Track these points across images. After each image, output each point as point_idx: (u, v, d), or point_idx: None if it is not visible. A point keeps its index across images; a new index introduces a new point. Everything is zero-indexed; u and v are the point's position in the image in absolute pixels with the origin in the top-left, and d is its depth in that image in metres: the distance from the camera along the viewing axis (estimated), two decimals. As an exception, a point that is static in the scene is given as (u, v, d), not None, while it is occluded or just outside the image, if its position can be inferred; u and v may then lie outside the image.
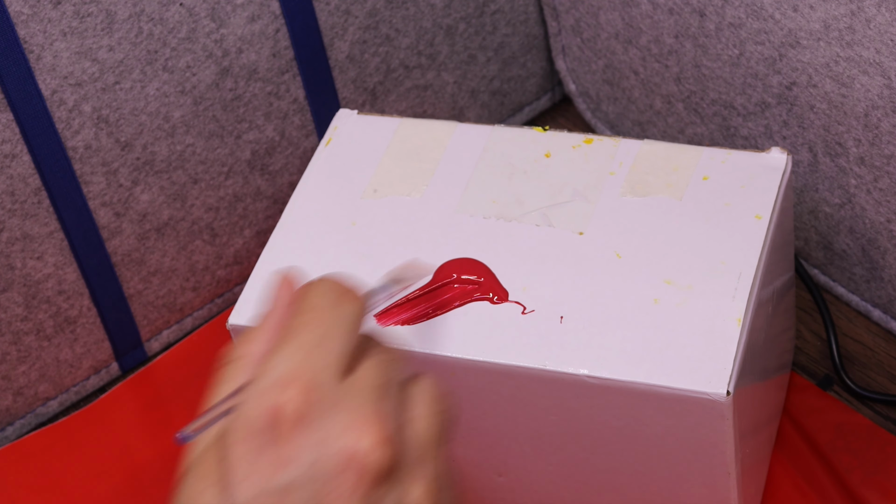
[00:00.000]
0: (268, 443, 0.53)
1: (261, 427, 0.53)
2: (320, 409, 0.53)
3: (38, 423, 0.95)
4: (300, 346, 0.55)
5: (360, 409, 0.54)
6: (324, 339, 0.55)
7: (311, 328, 0.55)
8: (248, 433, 0.53)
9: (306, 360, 0.54)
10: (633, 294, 0.74)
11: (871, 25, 0.78)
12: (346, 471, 0.53)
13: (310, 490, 0.52)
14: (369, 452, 0.53)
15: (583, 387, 0.72)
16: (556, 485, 0.78)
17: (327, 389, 0.54)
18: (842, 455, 0.84)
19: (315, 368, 0.54)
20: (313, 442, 0.53)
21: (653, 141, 0.81)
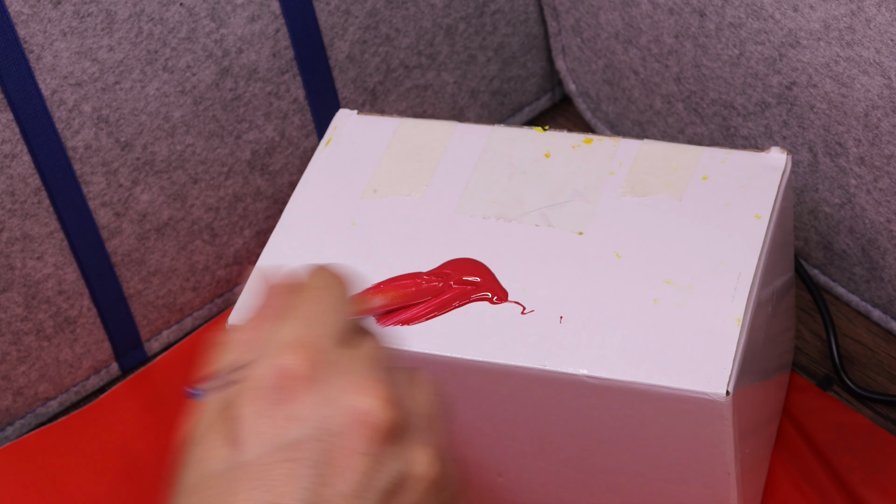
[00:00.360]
0: (277, 401, 0.54)
1: (270, 387, 0.54)
2: (326, 371, 0.55)
3: (38, 423, 0.95)
4: (303, 317, 0.57)
5: (368, 373, 0.55)
6: (324, 313, 0.57)
7: (311, 304, 0.58)
8: (258, 393, 0.54)
9: (310, 328, 0.56)
10: (633, 294, 0.74)
11: (871, 25, 0.78)
12: (356, 426, 0.54)
13: (319, 445, 0.54)
14: (377, 411, 0.54)
15: (582, 387, 0.72)
16: (556, 485, 0.78)
17: (331, 354, 0.56)
18: (842, 455, 0.84)
19: (321, 335, 0.56)
20: (322, 400, 0.54)
21: (653, 141, 0.81)
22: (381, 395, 0.55)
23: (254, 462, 0.53)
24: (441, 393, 0.59)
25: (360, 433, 0.54)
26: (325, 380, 0.55)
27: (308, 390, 0.55)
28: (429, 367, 0.74)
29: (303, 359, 0.55)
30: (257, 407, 0.54)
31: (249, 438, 0.54)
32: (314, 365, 0.55)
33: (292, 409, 0.54)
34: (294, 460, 0.53)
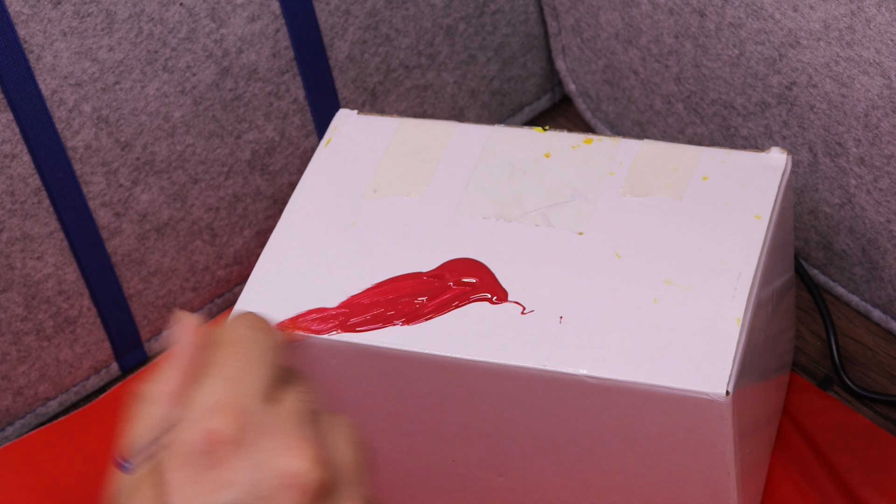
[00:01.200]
0: (205, 467, 0.54)
1: (197, 452, 0.54)
2: (255, 433, 0.55)
3: (38, 423, 0.95)
4: (227, 376, 0.57)
5: (294, 432, 0.56)
6: (251, 368, 0.57)
7: (238, 358, 0.58)
8: (186, 459, 0.54)
9: (235, 388, 0.56)
10: (633, 294, 0.74)
11: (871, 25, 0.78)
12: (286, 490, 0.54)
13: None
14: (308, 472, 0.54)
15: (582, 387, 0.72)
16: (556, 485, 0.78)
17: (259, 414, 0.56)
18: (842, 455, 0.84)
19: (243, 395, 0.56)
20: (251, 463, 0.54)
21: (653, 141, 0.81)
22: (309, 455, 0.55)
23: None
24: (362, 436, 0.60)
25: (290, 496, 0.54)
26: (252, 442, 0.55)
27: (236, 454, 0.54)
28: (429, 367, 0.74)
29: (229, 422, 0.55)
30: (185, 473, 0.54)
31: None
32: (240, 427, 0.55)
33: (221, 475, 0.54)
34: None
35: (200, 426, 0.55)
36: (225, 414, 0.55)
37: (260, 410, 0.56)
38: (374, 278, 0.77)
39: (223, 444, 0.55)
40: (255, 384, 0.57)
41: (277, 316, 0.76)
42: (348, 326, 0.74)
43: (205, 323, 0.61)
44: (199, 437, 0.55)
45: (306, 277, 0.77)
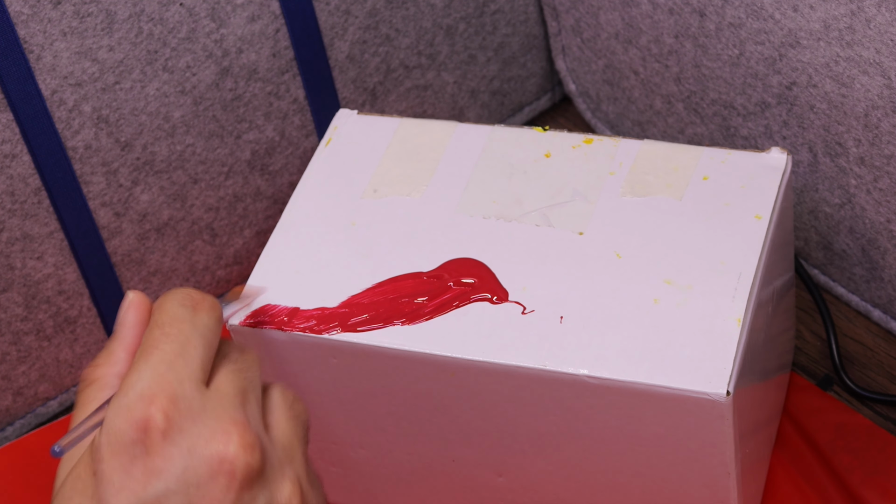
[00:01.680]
0: (138, 455, 0.54)
1: (130, 440, 0.54)
2: (186, 420, 0.55)
3: (38, 423, 0.95)
4: (161, 359, 0.56)
5: (225, 416, 0.56)
6: (184, 351, 0.57)
7: (171, 339, 0.57)
8: (119, 447, 0.54)
9: (168, 373, 0.56)
10: (633, 294, 0.74)
11: (871, 25, 0.78)
12: (217, 475, 0.54)
13: (183, 497, 0.54)
14: (238, 456, 0.55)
15: (583, 387, 0.72)
16: (556, 485, 0.78)
17: (190, 400, 0.56)
18: (842, 455, 0.84)
19: (177, 380, 0.56)
20: (183, 450, 0.55)
21: (653, 141, 0.81)
22: (241, 438, 0.55)
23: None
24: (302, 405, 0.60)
25: (221, 482, 0.54)
26: (185, 428, 0.55)
27: (169, 441, 0.55)
28: (429, 367, 0.74)
29: (162, 408, 0.55)
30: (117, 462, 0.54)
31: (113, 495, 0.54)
32: (174, 413, 0.55)
33: (153, 463, 0.54)
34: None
35: (131, 414, 0.55)
36: (158, 400, 0.55)
37: (191, 395, 0.56)
38: (374, 278, 0.77)
39: (154, 432, 0.54)
40: (186, 368, 0.57)
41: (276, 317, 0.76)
42: (349, 326, 0.74)
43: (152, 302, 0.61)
44: (130, 425, 0.55)
45: (306, 277, 0.77)
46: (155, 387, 0.55)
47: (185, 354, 0.57)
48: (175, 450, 0.55)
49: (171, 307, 0.59)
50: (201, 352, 0.58)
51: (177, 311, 0.58)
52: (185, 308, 0.59)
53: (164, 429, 0.55)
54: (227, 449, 0.55)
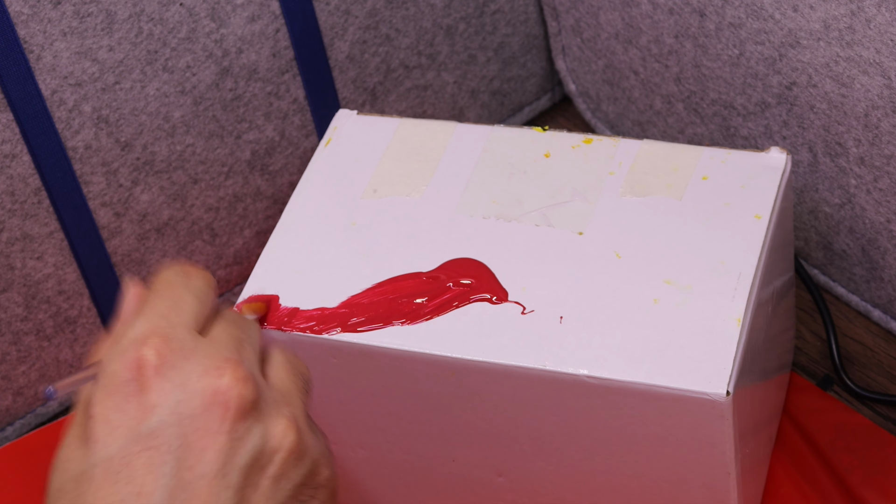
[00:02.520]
0: (132, 393, 0.55)
1: (124, 380, 0.56)
2: (178, 357, 0.56)
3: (37, 423, 0.95)
4: (154, 311, 0.58)
5: (217, 355, 0.57)
6: (176, 305, 0.59)
7: (164, 297, 0.59)
8: (113, 388, 0.56)
9: (161, 320, 0.58)
10: (633, 294, 0.74)
11: (871, 25, 0.78)
12: (210, 407, 0.55)
13: (176, 430, 0.55)
14: (231, 388, 0.55)
15: (583, 387, 0.72)
16: (556, 485, 0.78)
17: (183, 341, 0.57)
18: (842, 455, 0.84)
19: (170, 325, 0.57)
20: (176, 385, 0.56)
21: (653, 141, 0.81)
22: (231, 373, 0.56)
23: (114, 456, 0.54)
24: (305, 367, 0.61)
25: (215, 413, 0.55)
26: (176, 366, 0.56)
27: (159, 378, 0.55)
28: (429, 367, 0.74)
29: (155, 347, 0.56)
30: (112, 402, 0.55)
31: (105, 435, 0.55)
32: (164, 353, 0.56)
33: (146, 399, 0.55)
34: (152, 448, 0.54)
35: (124, 356, 0.56)
36: (147, 342, 0.56)
37: (183, 337, 0.57)
38: (374, 278, 0.77)
39: (148, 370, 0.55)
40: (181, 316, 0.58)
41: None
42: (349, 326, 0.74)
43: None
44: (125, 366, 0.56)
45: (306, 277, 0.77)
46: (147, 331, 0.57)
47: (177, 307, 0.59)
48: (168, 384, 0.56)
49: (165, 275, 0.61)
50: (194, 307, 0.59)
51: (170, 277, 0.60)
52: (179, 274, 0.60)
53: (157, 365, 0.56)
54: (220, 381, 0.56)
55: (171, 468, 0.54)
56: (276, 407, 0.57)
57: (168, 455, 0.54)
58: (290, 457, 0.57)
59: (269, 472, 0.56)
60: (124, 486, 0.54)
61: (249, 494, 0.55)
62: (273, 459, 0.56)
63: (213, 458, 0.55)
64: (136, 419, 0.55)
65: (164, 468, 0.54)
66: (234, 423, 0.55)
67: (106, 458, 0.54)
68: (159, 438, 0.54)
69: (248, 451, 0.55)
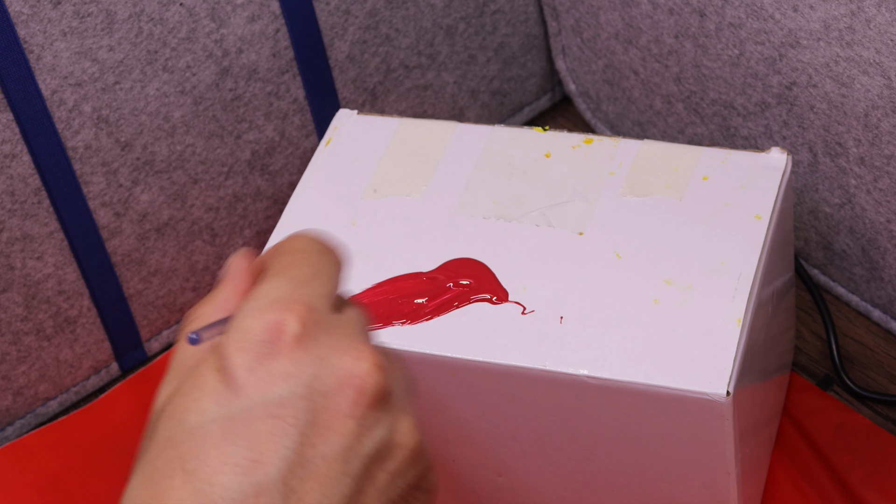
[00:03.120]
0: (266, 356, 0.53)
1: (259, 339, 0.53)
2: (320, 330, 0.54)
3: (38, 423, 0.95)
4: (297, 276, 0.56)
5: (357, 336, 0.55)
6: (318, 274, 0.56)
7: (303, 266, 0.56)
8: (248, 345, 0.53)
9: (304, 288, 0.55)
10: (633, 294, 0.74)
11: (871, 25, 0.78)
12: (346, 388, 0.53)
13: (307, 404, 0.53)
14: (370, 373, 0.54)
15: (583, 387, 0.72)
16: (556, 485, 0.78)
17: (325, 314, 0.55)
18: (842, 455, 0.84)
19: (314, 295, 0.55)
20: (314, 358, 0.53)
21: (653, 141, 0.81)
22: (371, 358, 0.54)
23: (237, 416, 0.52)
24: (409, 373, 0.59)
25: (349, 395, 0.53)
26: (315, 339, 0.54)
27: (298, 348, 0.53)
28: (429, 367, 0.74)
29: (295, 315, 0.54)
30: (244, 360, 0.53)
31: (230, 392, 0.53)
32: (305, 323, 0.54)
33: (281, 366, 0.53)
34: (278, 417, 0.52)
35: (263, 315, 0.54)
36: (291, 307, 0.54)
37: (325, 311, 0.55)
38: (374, 278, 0.77)
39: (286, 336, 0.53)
40: (322, 288, 0.56)
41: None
42: (348, 326, 0.74)
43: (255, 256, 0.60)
44: (263, 326, 0.53)
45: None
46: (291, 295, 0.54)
47: (320, 277, 0.56)
48: (307, 356, 0.53)
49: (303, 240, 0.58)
50: (333, 282, 0.57)
51: (308, 244, 0.58)
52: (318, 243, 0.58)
53: (299, 334, 0.53)
54: (360, 365, 0.54)
55: (294, 442, 0.52)
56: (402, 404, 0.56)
57: (294, 428, 0.52)
58: (411, 455, 0.55)
59: (389, 466, 0.54)
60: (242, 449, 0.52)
61: (366, 485, 0.54)
62: (395, 455, 0.55)
63: (338, 441, 0.53)
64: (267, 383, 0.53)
65: (287, 440, 0.52)
66: (366, 409, 0.53)
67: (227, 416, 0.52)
68: (287, 409, 0.52)
69: (373, 441, 0.54)
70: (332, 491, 0.53)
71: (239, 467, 0.51)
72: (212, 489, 0.51)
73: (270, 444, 0.52)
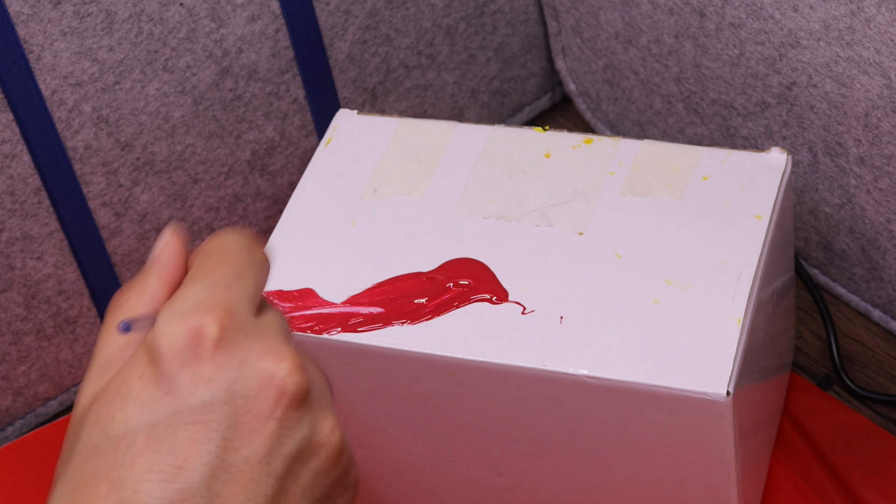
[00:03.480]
0: (187, 362, 0.54)
1: (181, 346, 0.54)
2: (240, 334, 0.55)
3: (38, 423, 0.95)
4: (219, 280, 0.56)
5: (276, 339, 0.56)
6: (241, 277, 0.57)
7: (229, 266, 0.57)
8: (168, 352, 0.54)
9: (226, 291, 0.56)
10: (633, 294, 0.74)
11: (871, 25, 0.78)
12: (266, 390, 0.54)
13: (228, 408, 0.53)
14: (289, 374, 0.54)
15: (583, 387, 0.72)
16: (556, 485, 0.78)
17: (245, 318, 0.55)
18: (842, 455, 0.84)
19: (235, 299, 0.56)
20: (234, 362, 0.54)
21: (653, 141, 0.81)
22: (291, 359, 0.55)
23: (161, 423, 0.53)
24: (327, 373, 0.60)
25: (270, 397, 0.54)
26: (235, 342, 0.54)
27: (218, 352, 0.54)
28: (429, 367, 0.74)
29: (215, 320, 0.54)
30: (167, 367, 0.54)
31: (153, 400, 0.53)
32: (225, 327, 0.54)
33: (202, 371, 0.54)
34: (201, 423, 0.53)
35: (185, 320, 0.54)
36: (211, 312, 0.54)
37: (246, 315, 0.56)
38: (374, 278, 0.77)
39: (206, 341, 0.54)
40: (244, 291, 0.56)
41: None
42: (349, 326, 0.74)
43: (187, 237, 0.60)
44: (184, 331, 0.54)
45: (306, 278, 0.77)
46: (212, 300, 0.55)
47: (242, 280, 0.57)
48: (226, 360, 0.54)
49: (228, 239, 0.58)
50: (256, 283, 0.57)
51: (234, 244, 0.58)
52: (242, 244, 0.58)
53: (218, 338, 0.54)
54: (280, 366, 0.54)
55: (217, 446, 0.53)
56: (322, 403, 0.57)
57: (216, 433, 0.53)
58: (333, 453, 0.56)
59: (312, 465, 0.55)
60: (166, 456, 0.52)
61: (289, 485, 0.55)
62: (318, 453, 0.56)
63: (260, 443, 0.54)
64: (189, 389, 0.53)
65: (210, 445, 0.53)
66: (286, 410, 0.54)
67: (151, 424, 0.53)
68: (209, 414, 0.53)
69: (295, 440, 0.55)
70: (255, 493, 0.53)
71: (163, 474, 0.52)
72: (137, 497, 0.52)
73: (194, 451, 0.53)
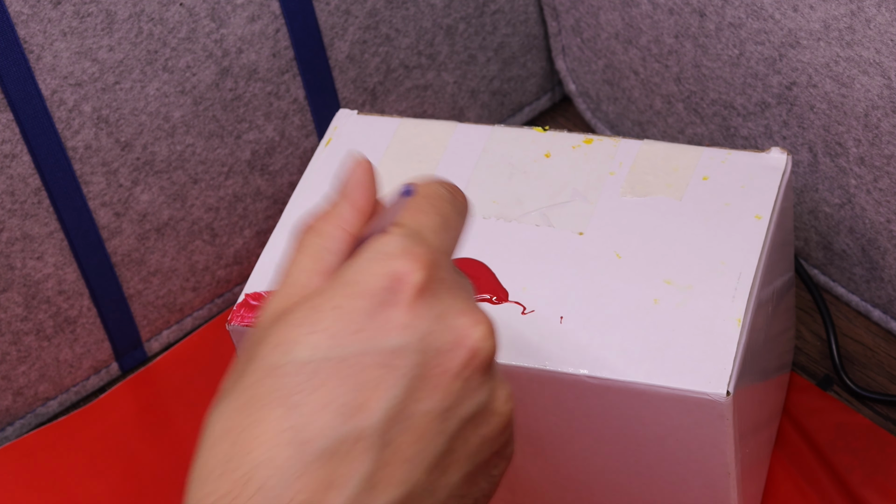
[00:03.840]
0: (385, 304, 0.53)
1: (381, 287, 0.53)
2: (441, 287, 0.54)
3: (38, 423, 0.95)
4: (428, 225, 0.55)
5: (471, 300, 0.55)
6: (446, 227, 0.56)
7: (436, 212, 0.56)
8: (368, 290, 0.53)
9: (434, 239, 0.55)
10: (633, 294, 0.74)
11: (871, 25, 0.78)
12: (457, 349, 0.53)
13: (419, 358, 0.53)
14: (483, 339, 0.54)
15: (583, 387, 0.72)
16: (556, 485, 0.78)
17: (447, 272, 0.55)
18: (842, 455, 0.84)
19: (440, 250, 0.55)
20: (432, 315, 0.53)
21: (653, 141, 0.81)
22: (486, 325, 0.54)
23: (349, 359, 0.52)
24: None
25: (461, 356, 0.53)
26: (436, 295, 0.54)
27: (418, 301, 0.53)
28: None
29: (421, 268, 0.53)
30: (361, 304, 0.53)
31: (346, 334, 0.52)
32: (432, 278, 0.53)
33: (397, 315, 0.53)
34: (390, 367, 0.52)
35: (389, 262, 0.53)
36: (418, 260, 0.53)
37: (448, 268, 0.55)
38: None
39: (408, 287, 0.53)
40: (448, 243, 0.56)
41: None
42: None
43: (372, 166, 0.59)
44: (387, 272, 0.53)
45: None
46: (420, 247, 0.54)
47: (447, 231, 0.56)
48: (425, 311, 0.53)
49: (435, 185, 0.58)
50: (458, 234, 0.57)
51: (440, 190, 0.57)
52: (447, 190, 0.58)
53: (421, 287, 0.53)
54: (476, 329, 0.54)
55: (401, 393, 0.52)
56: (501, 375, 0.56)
57: (402, 379, 0.52)
58: (503, 423, 0.55)
59: (482, 431, 0.55)
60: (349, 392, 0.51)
61: (458, 446, 0.54)
62: (489, 421, 0.55)
63: (442, 398, 0.53)
64: (382, 331, 0.52)
65: (395, 391, 0.52)
66: (473, 372, 0.54)
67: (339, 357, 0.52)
68: (399, 360, 0.52)
69: (474, 403, 0.54)
70: (426, 447, 0.53)
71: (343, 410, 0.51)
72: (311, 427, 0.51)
73: (377, 392, 0.52)
